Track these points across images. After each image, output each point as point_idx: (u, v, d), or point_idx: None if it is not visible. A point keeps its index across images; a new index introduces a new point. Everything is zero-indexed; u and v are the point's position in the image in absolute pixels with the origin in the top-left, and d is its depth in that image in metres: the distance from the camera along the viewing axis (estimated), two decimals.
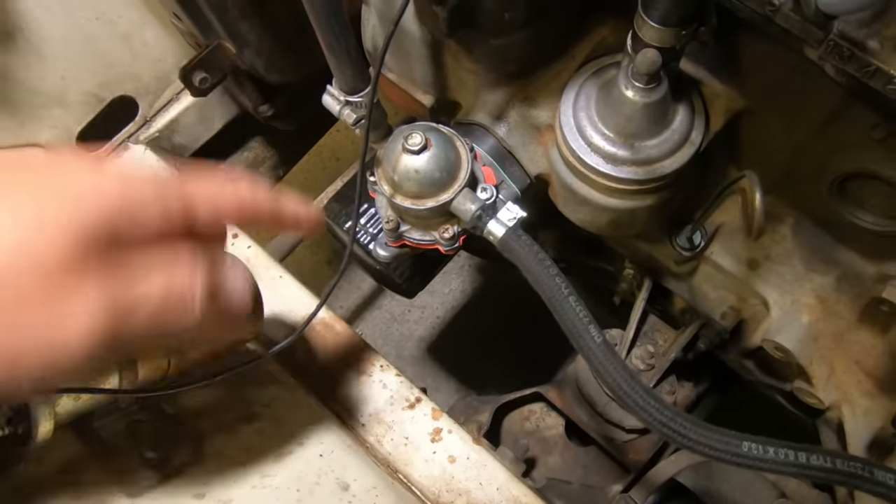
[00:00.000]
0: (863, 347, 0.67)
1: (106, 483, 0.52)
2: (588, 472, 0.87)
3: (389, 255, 0.65)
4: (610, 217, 0.62)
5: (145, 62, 0.83)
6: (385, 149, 0.56)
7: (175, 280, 0.37)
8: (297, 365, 0.69)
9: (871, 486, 0.48)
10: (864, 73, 0.42)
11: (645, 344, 0.83)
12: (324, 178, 1.10)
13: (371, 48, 0.70)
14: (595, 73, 0.59)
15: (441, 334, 1.55)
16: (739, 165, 0.65)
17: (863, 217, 0.60)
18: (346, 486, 0.57)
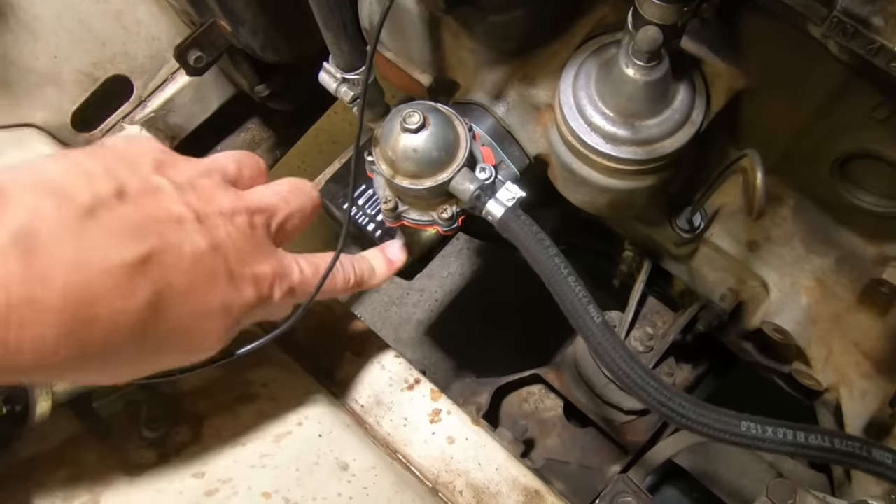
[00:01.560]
0: (861, 329, 0.67)
1: (105, 462, 0.53)
2: (586, 453, 0.88)
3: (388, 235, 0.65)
4: (609, 198, 0.62)
5: (139, 41, 0.82)
6: (383, 128, 0.55)
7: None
8: (296, 346, 0.69)
9: (868, 466, 0.49)
10: (868, 50, 0.42)
11: (644, 326, 0.83)
12: (321, 161, 1.10)
13: (368, 26, 0.69)
14: (595, 51, 0.58)
15: (440, 317, 1.55)
16: (740, 146, 0.65)
17: (863, 198, 0.59)
18: (346, 466, 0.58)
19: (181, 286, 0.40)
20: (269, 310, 0.49)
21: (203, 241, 0.42)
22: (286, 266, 0.49)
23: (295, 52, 0.80)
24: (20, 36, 0.73)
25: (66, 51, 0.77)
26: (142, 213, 0.40)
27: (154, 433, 0.55)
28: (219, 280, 0.43)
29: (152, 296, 0.39)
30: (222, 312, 0.44)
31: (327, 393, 0.66)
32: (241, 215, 0.46)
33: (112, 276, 0.37)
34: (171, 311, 0.40)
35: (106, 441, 0.54)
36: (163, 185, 0.42)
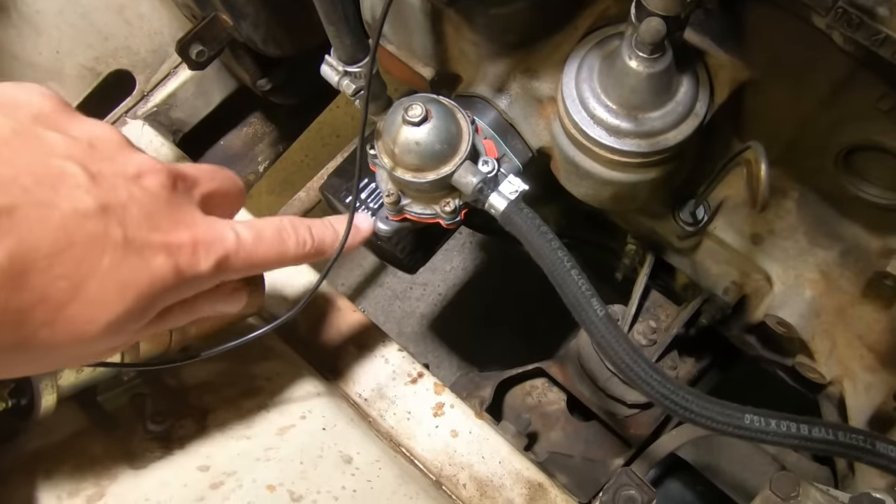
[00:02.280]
0: (865, 322, 0.67)
1: (111, 455, 0.53)
2: (589, 447, 0.88)
3: (390, 229, 0.65)
4: (612, 191, 0.62)
5: (141, 35, 0.82)
6: (385, 121, 0.55)
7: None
8: (300, 340, 0.69)
9: (872, 458, 0.49)
10: (874, 41, 0.42)
11: (647, 319, 0.83)
12: (324, 155, 1.10)
13: (370, 19, 0.69)
14: (598, 43, 0.58)
15: (443, 311, 1.55)
16: (744, 138, 0.64)
17: (868, 190, 0.59)
18: (350, 459, 0.58)
19: (46, 249, 0.34)
20: (199, 287, 0.42)
21: (89, 200, 0.36)
22: (216, 231, 0.42)
23: (297, 45, 0.80)
24: (23, 31, 0.73)
25: (68, 45, 0.77)
26: (8, 159, 0.34)
27: (159, 426, 0.55)
28: (107, 245, 0.36)
29: (5, 257, 0.32)
30: (116, 286, 0.37)
31: (331, 386, 0.66)
32: (151, 176, 0.39)
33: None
34: (31, 277, 0.34)
35: (111, 434, 0.55)
36: (47, 136, 0.36)
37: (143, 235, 0.38)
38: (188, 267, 0.40)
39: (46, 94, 0.39)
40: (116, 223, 0.37)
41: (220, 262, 0.42)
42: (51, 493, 0.50)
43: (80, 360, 0.42)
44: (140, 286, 0.38)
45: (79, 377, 0.50)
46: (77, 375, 0.50)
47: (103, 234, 0.36)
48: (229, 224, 0.44)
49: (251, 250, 0.44)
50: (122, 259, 0.37)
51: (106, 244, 0.36)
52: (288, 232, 0.48)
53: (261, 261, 0.45)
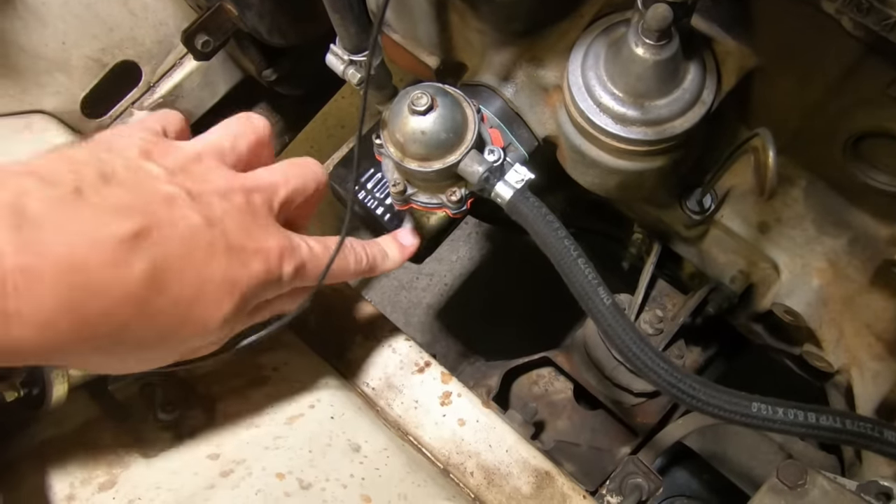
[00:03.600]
0: (873, 311, 0.67)
1: (122, 443, 0.53)
2: (596, 435, 0.88)
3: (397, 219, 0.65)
4: (619, 179, 0.61)
5: (146, 26, 0.82)
6: (391, 110, 0.55)
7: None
8: (308, 330, 0.69)
9: (880, 446, 0.49)
10: (884, 26, 0.41)
11: (654, 308, 0.83)
12: (329, 146, 1.10)
13: (375, 8, 0.68)
14: (604, 31, 0.58)
15: (449, 301, 1.55)
16: (751, 126, 0.64)
17: (877, 178, 0.58)
18: (358, 448, 0.58)
19: (177, 259, 0.41)
20: (280, 289, 0.48)
21: (197, 217, 0.42)
22: (294, 243, 0.48)
23: (302, 35, 0.80)
24: (29, 22, 0.73)
25: (74, 37, 0.77)
26: (129, 194, 0.40)
27: (169, 416, 0.55)
28: (217, 252, 0.43)
29: (149, 268, 0.39)
30: (227, 286, 0.43)
31: (338, 376, 0.67)
32: (237, 194, 0.46)
33: (103, 248, 0.37)
34: (170, 283, 0.40)
35: (122, 423, 0.55)
36: (150, 168, 0.43)
37: (241, 243, 0.44)
38: (276, 270, 0.46)
39: (144, 133, 0.46)
40: (220, 233, 0.43)
41: (299, 269, 0.48)
42: (63, 481, 0.50)
43: (197, 352, 0.47)
44: (243, 286, 0.44)
45: (86, 371, 0.50)
46: None
47: (212, 243, 0.43)
48: (302, 238, 0.50)
49: (321, 262, 0.51)
50: (228, 264, 0.43)
51: (216, 252, 0.43)
52: (349, 249, 0.54)
53: (329, 272, 0.52)
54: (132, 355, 0.43)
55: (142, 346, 0.42)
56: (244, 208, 0.45)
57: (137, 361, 0.45)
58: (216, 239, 0.43)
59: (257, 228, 0.46)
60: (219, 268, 0.43)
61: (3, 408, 0.48)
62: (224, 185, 0.45)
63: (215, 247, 0.43)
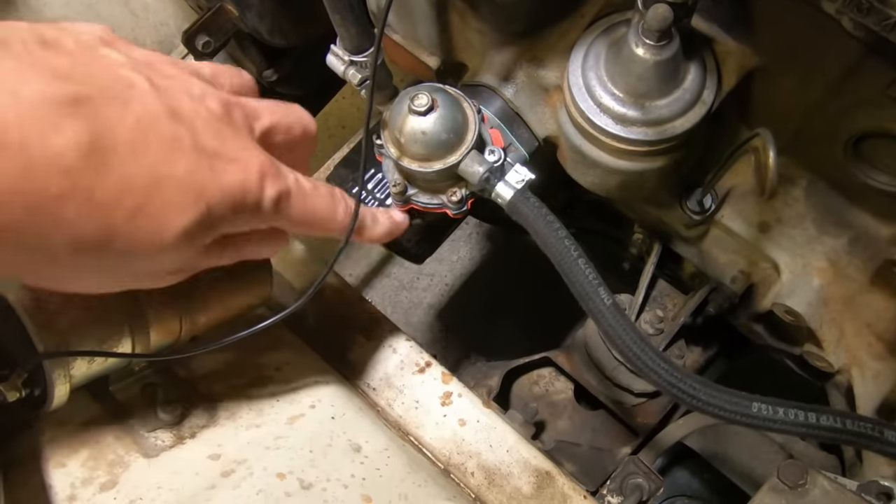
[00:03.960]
0: (874, 311, 0.66)
1: (123, 444, 0.53)
2: (597, 435, 0.88)
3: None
4: (619, 180, 0.61)
5: (147, 26, 0.82)
6: (391, 110, 0.55)
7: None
8: (309, 330, 0.70)
9: (880, 446, 0.49)
10: (884, 26, 0.41)
11: (654, 309, 0.83)
12: (330, 146, 1.10)
13: (375, 8, 0.68)
14: (604, 31, 0.58)
15: (450, 301, 1.55)
16: (752, 125, 0.64)
17: (877, 178, 0.59)
18: (358, 448, 0.58)
19: (127, 140, 0.34)
20: (256, 219, 0.41)
21: (158, 105, 0.36)
22: (280, 167, 0.42)
23: (302, 35, 0.80)
24: (29, 21, 0.73)
25: None
26: (72, 63, 0.34)
27: (170, 416, 0.55)
28: (182, 149, 0.36)
29: (87, 138, 0.33)
30: (191, 190, 0.37)
31: (339, 376, 0.67)
32: (212, 99, 0.39)
33: (28, 105, 0.31)
34: (114, 163, 0.34)
35: (123, 423, 0.55)
36: (109, 52, 0.37)
37: (214, 148, 0.38)
38: (255, 188, 0.40)
39: (104, 26, 0.40)
40: (187, 131, 0.37)
41: (281, 197, 0.42)
42: (64, 482, 0.50)
43: (151, 276, 0.41)
44: (212, 195, 0.38)
45: (91, 368, 0.50)
46: (89, 366, 0.50)
47: (176, 137, 0.36)
48: (289, 168, 0.43)
49: (308, 198, 0.44)
50: (196, 165, 0.37)
51: (181, 148, 0.36)
52: (339, 198, 0.49)
53: (313, 213, 0.45)
54: (71, 259, 0.35)
55: (79, 244, 0.35)
56: (220, 116, 0.39)
57: (74, 270, 0.37)
58: (181, 134, 0.37)
59: (235, 139, 0.39)
60: (183, 166, 0.36)
61: (4, 408, 0.48)
62: (199, 89, 0.39)
63: (180, 143, 0.36)
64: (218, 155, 0.38)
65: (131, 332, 0.51)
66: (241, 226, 0.41)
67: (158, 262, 0.39)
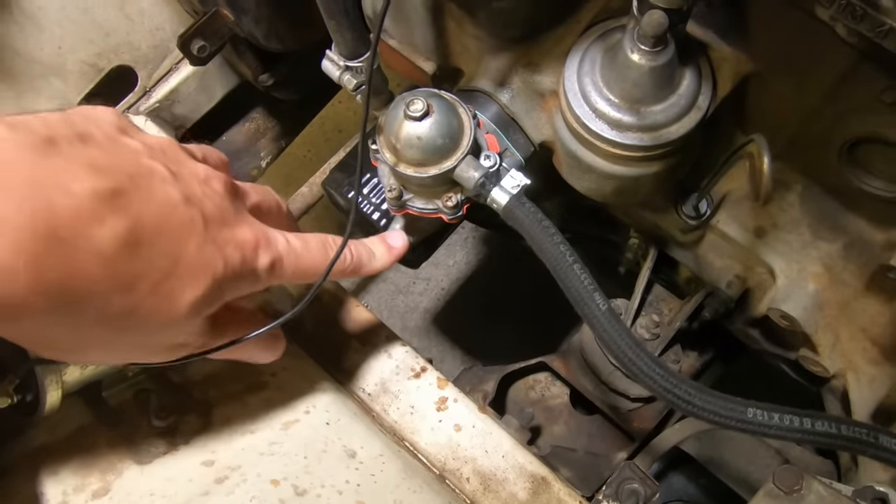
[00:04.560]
0: (869, 316, 0.67)
1: (115, 450, 0.53)
2: (593, 441, 0.88)
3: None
4: (615, 185, 0.62)
5: (143, 31, 0.82)
6: (386, 116, 0.55)
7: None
8: (304, 335, 0.69)
9: (875, 452, 0.49)
10: (878, 32, 0.41)
11: (650, 313, 0.83)
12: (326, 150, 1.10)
13: (371, 14, 0.68)
14: (600, 36, 0.58)
15: (446, 306, 1.55)
16: (747, 131, 0.64)
17: (872, 183, 0.59)
18: (353, 454, 0.58)
19: (154, 227, 0.39)
20: (255, 284, 0.46)
21: (176, 192, 0.41)
22: (271, 235, 0.47)
23: (298, 40, 0.80)
24: (25, 27, 0.73)
25: (70, 41, 0.77)
26: (107, 157, 0.38)
27: (164, 422, 0.55)
28: (194, 232, 0.41)
29: (124, 228, 0.37)
30: (200, 267, 0.41)
31: (334, 381, 0.66)
32: (216, 182, 0.45)
33: (76, 199, 0.35)
34: (144, 249, 0.38)
35: (116, 430, 0.55)
36: (129, 141, 0.41)
37: (219, 227, 0.43)
38: (250, 261, 0.45)
39: (116, 111, 0.44)
40: (198, 214, 0.42)
41: (275, 262, 0.47)
42: (56, 489, 0.50)
43: (156, 350, 0.45)
44: (217, 270, 0.42)
45: (83, 373, 0.50)
46: (82, 371, 0.50)
47: (190, 221, 0.41)
48: (280, 232, 0.48)
49: (299, 256, 0.49)
50: (204, 245, 0.42)
51: (192, 230, 0.41)
52: (331, 246, 0.53)
53: (306, 268, 0.50)
54: (92, 331, 0.39)
55: (104, 318, 0.38)
56: (223, 196, 0.44)
57: (98, 344, 0.41)
58: (194, 218, 0.41)
59: (234, 217, 0.45)
60: (194, 247, 0.41)
61: None
62: (203, 172, 0.44)
63: (193, 226, 0.41)
64: (221, 234, 0.43)
65: None
66: (241, 290, 0.46)
67: (167, 334, 0.43)
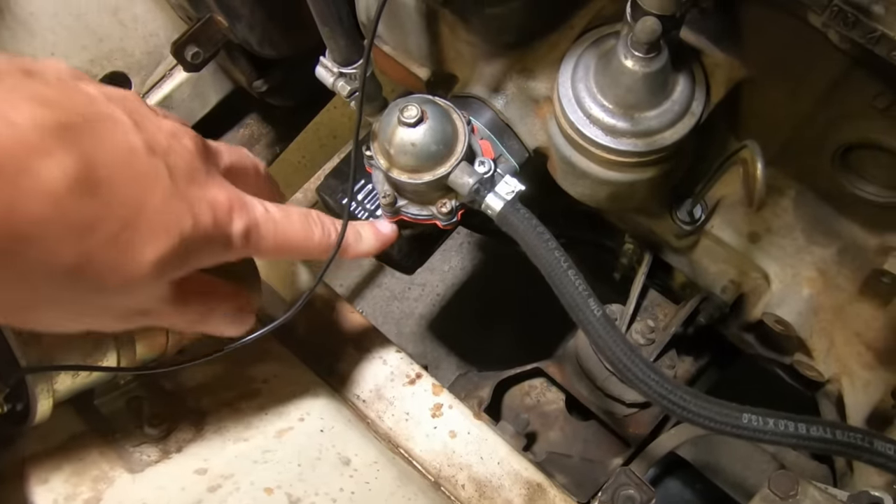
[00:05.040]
0: (863, 320, 0.67)
1: (107, 459, 0.53)
2: (588, 446, 0.88)
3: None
4: (609, 190, 0.62)
5: (136, 37, 0.82)
6: (380, 122, 0.55)
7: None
8: (298, 342, 0.69)
9: (870, 457, 0.49)
10: (869, 39, 0.42)
11: (645, 318, 0.83)
12: (321, 156, 1.10)
13: (365, 20, 0.68)
14: (594, 42, 0.58)
15: (441, 311, 1.55)
16: (741, 136, 0.64)
17: (865, 188, 0.59)
18: (348, 461, 0.58)
19: (112, 167, 0.35)
20: (227, 251, 0.42)
21: (138, 140, 0.37)
22: (247, 200, 0.43)
23: (293, 46, 0.80)
24: (17, 33, 0.73)
25: (63, 48, 0.77)
26: (56, 94, 0.35)
27: (156, 430, 0.55)
28: (161, 184, 0.37)
29: (74, 168, 0.33)
30: (165, 222, 0.37)
31: (329, 388, 0.66)
32: (186, 137, 0.41)
33: (18, 131, 0.32)
34: (97, 192, 0.34)
35: (108, 438, 0.54)
36: (85, 87, 0.38)
37: (187, 184, 0.39)
38: (224, 223, 0.41)
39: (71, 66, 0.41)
40: (164, 166, 0.38)
41: (251, 229, 0.43)
42: (47, 498, 0.50)
43: (117, 315, 0.41)
44: (185, 228, 0.38)
45: (75, 382, 0.50)
46: (73, 380, 0.50)
47: (154, 172, 0.38)
48: (258, 199, 0.45)
49: (279, 226, 0.45)
50: (170, 199, 0.38)
51: (157, 182, 0.37)
52: (314, 220, 0.49)
53: (286, 240, 0.46)
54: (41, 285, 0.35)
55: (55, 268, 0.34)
56: (192, 153, 0.41)
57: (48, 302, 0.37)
58: (158, 169, 0.38)
59: (206, 176, 0.41)
60: (159, 200, 0.37)
61: None
62: (170, 127, 0.41)
63: (158, 177, 0.37)
64: (190, 191, 0.39)
65: (117, 346, 0.51)
66: (213, 257, 0.42)
67: (128, 296, 0.39)
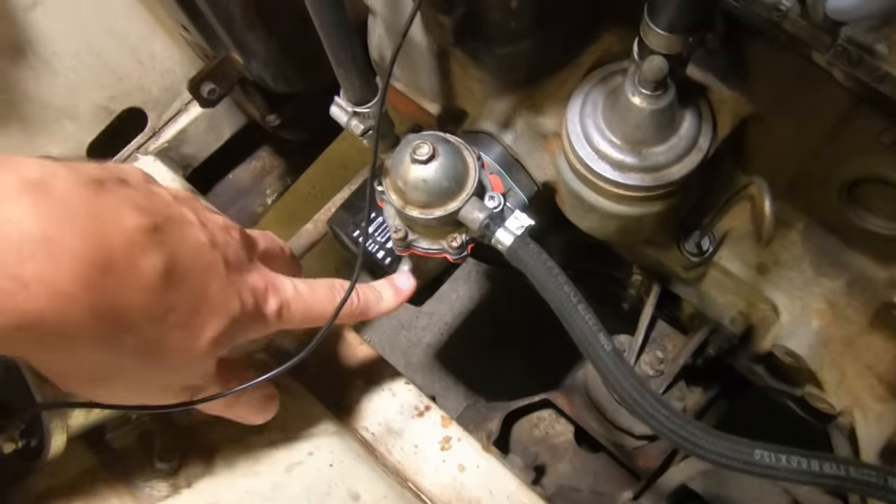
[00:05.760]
0: (874, 352, 0.66)
1: (118, 494, 0.53)
2: (598, 479, 0.87)
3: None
4: (618, 224, 0.62)
5: (154, 74, 0.84)
6: (393, 159, 0.56)
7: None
8: (307, 374, 0.69)
9: (885, 494, 0.48)
10: (873, 77, 0.42)
11: (654, 350, 0.83)
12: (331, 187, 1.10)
13: (378, 58, 0.70)
14: (601, 80, 0.59)
15: (449, 340, 1.54)
16: (748, 171, 0.65)
17: (872, 221, 0.59)
18: (357, 496, 0.57)
19: (187, 263, 0.42)
20: (264, 328, 0.49)
21: (204, 237, 0.44)
22: (279, 281, 0.50)
23: (306, 83, 0.82)
24: (40, 73, 0.75)
25: (84, 86, 0.79)
26: (146, 199, 0.41)
27: (167, 465, 0.55)
28: (217, 274, 0.44)
29: (166, 260, 0.40)
30: (219, 307, 0.44)
31: (337, 421, 0.66)
32: (235, 231, 0.49)
33: (127, 231, 0.38)
34: (178, 284, 0.41)
35: (119, 473, 0.54)
36: (160, 190, 0.45)
37: (236, 275, 0.46)
38: (262, 306, 0.48)
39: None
40: (220, 258, 0.45)
41: (282, 307, 0.49)
42: None
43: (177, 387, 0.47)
44: (234, 311, 0.45)
45: (89, 417, 0.50)
46: (87, 416, 0.50)
47: (215, 263, 0.45)
48: (288, 278, 0.51)
49: (306, 301, 0.51)
50: (225, 286, 0.45)
51: (216, 272, 0.44)
52: (338, 290, 0.55)
53: (313, 313, 0.52)
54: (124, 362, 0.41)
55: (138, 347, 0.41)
56: (239, 244, 0.48)
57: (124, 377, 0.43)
58: (217, 262, 0.45)
59: (248, 264, 0.49)
60: (217, 287, 0.44)
61: (1, 460, 0.48)
62: (223, 222, 0.48)
63: (217, 268, 0.44)
64: (238, 279, 0.46)
65: None
66: (251, 334, 0.49)
67: (185, 372, 0.46)
